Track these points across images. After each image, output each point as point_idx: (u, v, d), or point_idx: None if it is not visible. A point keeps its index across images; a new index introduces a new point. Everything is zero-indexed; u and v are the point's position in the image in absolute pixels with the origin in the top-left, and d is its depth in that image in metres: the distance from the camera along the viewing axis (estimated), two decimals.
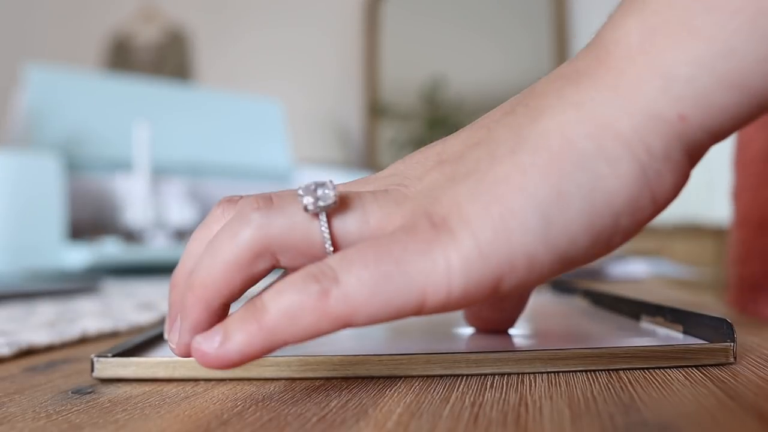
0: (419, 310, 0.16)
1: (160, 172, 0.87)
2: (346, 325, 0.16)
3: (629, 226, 0.17)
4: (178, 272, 0.20)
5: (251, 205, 0.18)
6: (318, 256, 0.18)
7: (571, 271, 0.17)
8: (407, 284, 0.16)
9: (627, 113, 0.16)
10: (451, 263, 0.16)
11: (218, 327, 0.17)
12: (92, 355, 0.21)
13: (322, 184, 0.18)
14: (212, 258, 0.18)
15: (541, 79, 0.19)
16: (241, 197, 0.19)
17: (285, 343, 0.16)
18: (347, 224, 0.18)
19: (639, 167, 0.16)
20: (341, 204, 0.18)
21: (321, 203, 0.17)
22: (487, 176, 0.17)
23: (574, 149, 0.16)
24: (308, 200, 0.17)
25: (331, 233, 0.17)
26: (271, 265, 0.18)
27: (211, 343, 0.16)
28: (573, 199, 0.16)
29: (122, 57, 2.57)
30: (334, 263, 0.16)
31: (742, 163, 0.40)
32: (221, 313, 0.18)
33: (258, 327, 0.16)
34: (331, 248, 0.17)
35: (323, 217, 0.17)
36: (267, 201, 0.18)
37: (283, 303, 0.16)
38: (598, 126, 0.16)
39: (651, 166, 0.16)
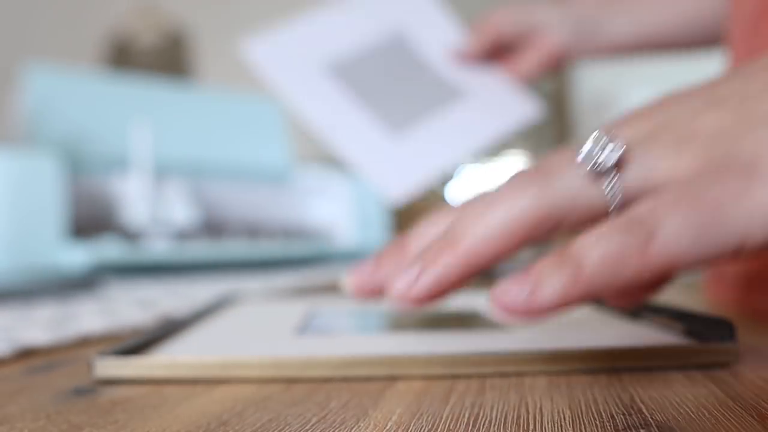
0: (736, 256, 0.16)
1: (160, 172, 0.87)
2: (665, 275, 0.17)
3: None
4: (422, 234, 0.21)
5: (526, 176, 0.18)
6: (601, 217, 0.18)
7: None
8: (726, 233, 0.16)
9: None
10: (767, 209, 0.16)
11: (524, 277, 0.17)
12: (92, 356, 0.21)
13: (603, 145, 0.17)
14: (486, 228, 0.18)
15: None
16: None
17: (599, 294, 0.16)
18: (631, 178, 0.18)
19: None
20: (623, 158, 0.18)
21: (606, 165, 0.17)
22: None
23: None
24: (590, 165, 0.17)
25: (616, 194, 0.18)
26: (547, 232, 0.18)
27: (518, 292, 0.16)
28: None
29: (122, 57, 2.57)
30: (647, 213, 0.16)
31: None
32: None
33: (574, 275, 0.16)
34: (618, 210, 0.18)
35: (608, 180, 0.18)
36: (542, 172, 0.18)
37: (602, 253, 0.16)
38: None
39: None
